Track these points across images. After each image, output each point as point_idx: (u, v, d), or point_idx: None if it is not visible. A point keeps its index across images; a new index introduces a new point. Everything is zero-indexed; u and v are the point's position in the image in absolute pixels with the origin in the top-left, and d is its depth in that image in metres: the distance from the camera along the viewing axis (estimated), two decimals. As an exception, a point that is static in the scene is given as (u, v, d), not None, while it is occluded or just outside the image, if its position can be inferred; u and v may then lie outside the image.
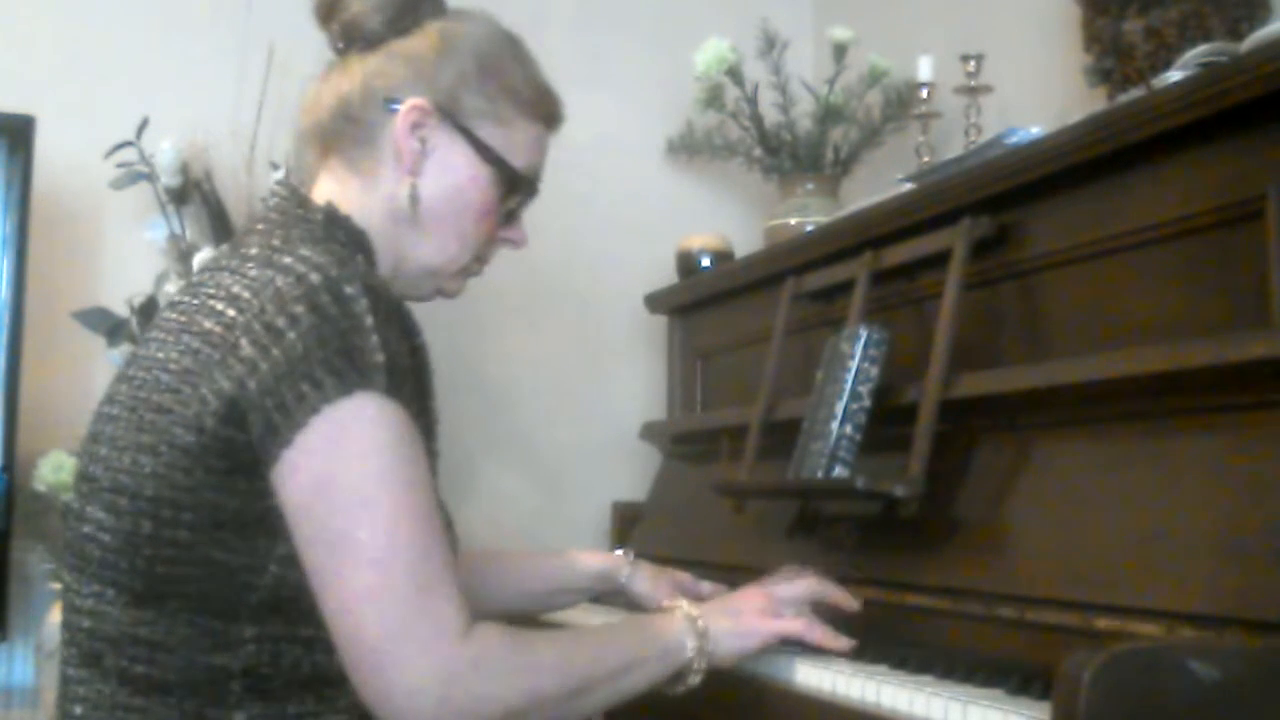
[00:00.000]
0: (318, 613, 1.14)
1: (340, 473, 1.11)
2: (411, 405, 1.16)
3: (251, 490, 1.13)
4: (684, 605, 1.36)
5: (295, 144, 1.42)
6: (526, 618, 1.76)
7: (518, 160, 1.36)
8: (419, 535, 1.12)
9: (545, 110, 1.40)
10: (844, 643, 1.44)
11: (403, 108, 1.30)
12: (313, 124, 1.35)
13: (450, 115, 1.32)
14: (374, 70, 1.32)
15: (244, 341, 1.13)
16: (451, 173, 1.32)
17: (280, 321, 1.12)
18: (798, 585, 1.47)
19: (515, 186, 1.37)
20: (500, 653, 1.16)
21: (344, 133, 1.32)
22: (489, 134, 1.34)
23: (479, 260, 1.40)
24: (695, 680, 1.33)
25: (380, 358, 1.12)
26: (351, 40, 1.34)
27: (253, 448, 1.12)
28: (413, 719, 1.11)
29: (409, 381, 1.16)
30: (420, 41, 1.33)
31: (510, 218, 1.40)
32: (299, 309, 1.12)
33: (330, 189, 1.33)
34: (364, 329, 1.12)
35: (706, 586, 1.69)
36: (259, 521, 1.14)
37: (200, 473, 1.13)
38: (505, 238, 1.41)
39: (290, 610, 1.15)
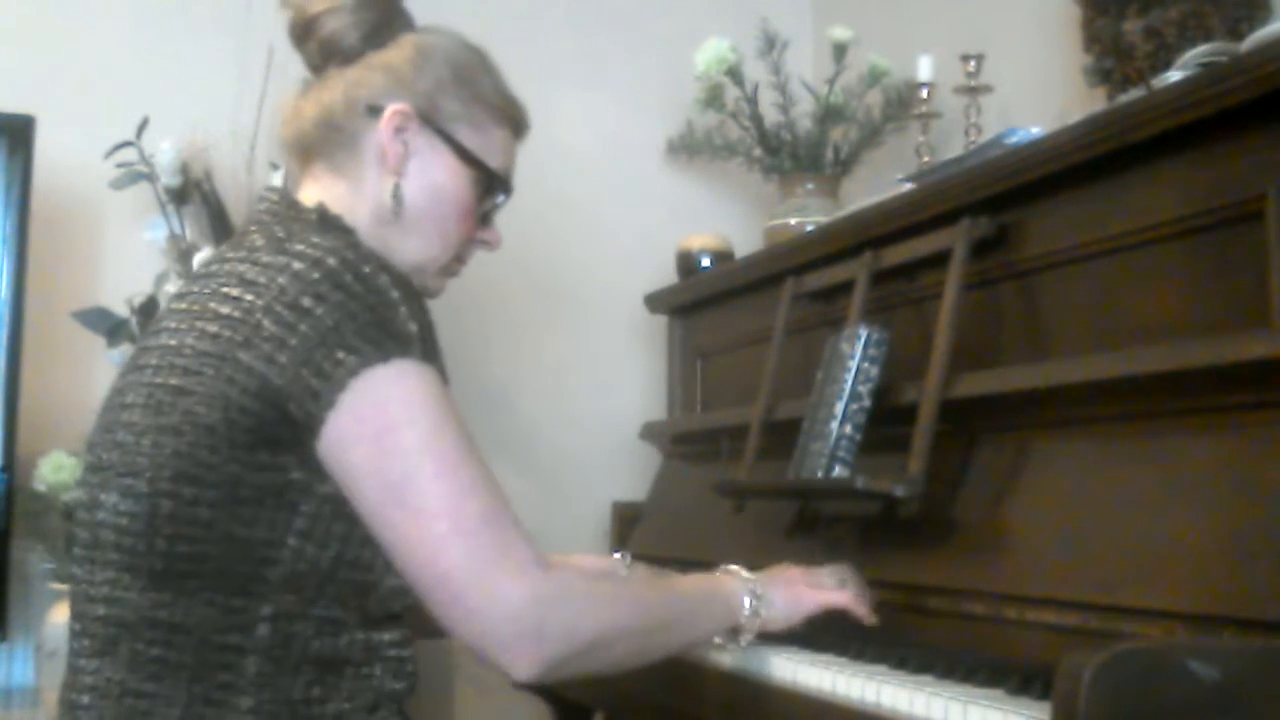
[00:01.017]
0: (330, 589, 1.18)
1: (395, 429, 1.15)
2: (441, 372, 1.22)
3: (274, 464, 1.16)
4: (743, 570, 1.46)
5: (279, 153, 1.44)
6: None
7: (493, 162, 1.41)
8: (481, 478, 1.18)
9: (513, 117, 1.45)
10: (874, 619, 1.53)
11: (386, 112, 1.34)
12: (295, 134, 1.39)
13: (430, 119, 1.37)
14: (354, 80, 1.36)
15: (266, 321, 1.16)
16: (433, 173, 1.37)
17: (305, 301, 1.15)
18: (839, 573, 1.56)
19: (492, 187, 1.42)
20: (582, 583, 1.24)
21: (328, 140, 1.37)
22: (466, 137, 1.39)
23: (458, 260, 1.45)
24: (746, 640, 1.42)
25: (413, 327, 1.18)
26: (329, 57, 1.39)
27: (284, 423, 1.15)
28: (515, 648, 1.16)
29: (436, 353, 1.21)
30: (397, 53, 1.38)
31: (485, 219, 1.45)
32: (324, 288, 1.16)
33: (316, 194, 1.36)
34: (391, 303, 1.17)
35: None
36: (278, 495, 1.16)
37: (225, 449, 1.15)
38: (481, 239, 1.46)
39: (305, 586, 1.18)
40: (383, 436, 1.15)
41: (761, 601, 1.42)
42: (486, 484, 1.19)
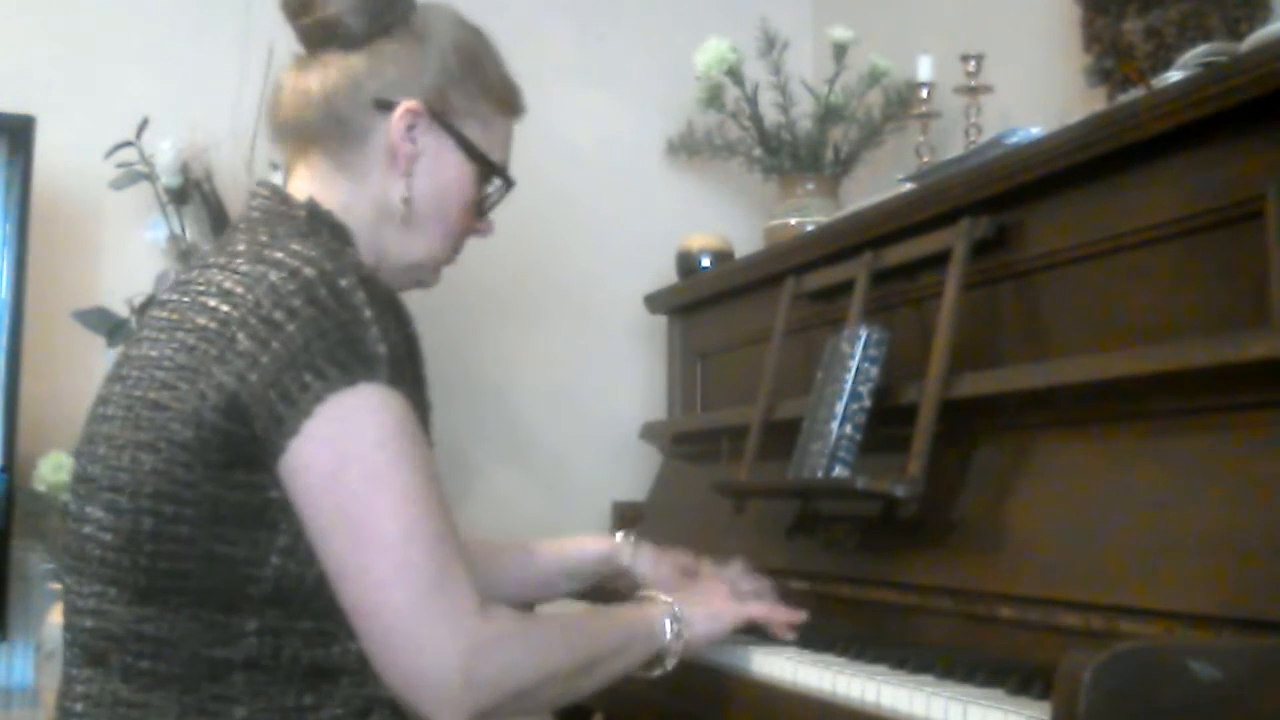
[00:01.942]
0: (316, 604, 1.17)
1: (353, 461, 1.13)
2: (410, 395, 1.18)
3: (250, 483, 1.15)
4: (660, 594, 1.44)
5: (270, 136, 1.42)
6: (527, 606, 1.77)
7: (496, 155, 1.40)
8: (433, 518, 1.16)
9: (514, 103, 1.43)
10: (800, 616, 1.55)
11: (398, 110, 1.31)
12: (293, 119, 1.35)
13: (439, 116, 1.34)
14: (361, 70, 1.32)
15: (241, 336, 1.14)
16: (441, 172, 1.35)
17: (278, 315, 1.13)
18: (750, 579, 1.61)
19: (491, 180, 1.41)
20: (516, 629, 1.21)
21: (331, 132, 1.33)
22: (472, 132, 1.37)
23: (454, 251, 1.43)
24: (671, 664, 1.39)
25: (382, 349, 1.15)
26: (329, 39, 1.34)
27: (253, 441, 1.14)
28: (441, 696, 1.14)
29: (408, 371, 1.18)
30: (403, 42, 1.34)
31: (483, 210, 1.43)
32: (296, 302, 1.14)
33: (310, 185, 1.34)
34: (363, 321, 1.15)
35: (708, 566, 1.70)
36: (259, 514, 1.15)
37: (200, 467, 1.14)
38: (474, 228, 1.44)
39: (290, 602, 1.17)
40: (340, 466, 1.13)
41: (683, 624, 1.38)
42: (438, 521, 1.16)
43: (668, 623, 1.38)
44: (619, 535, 1.73)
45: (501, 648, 1.18)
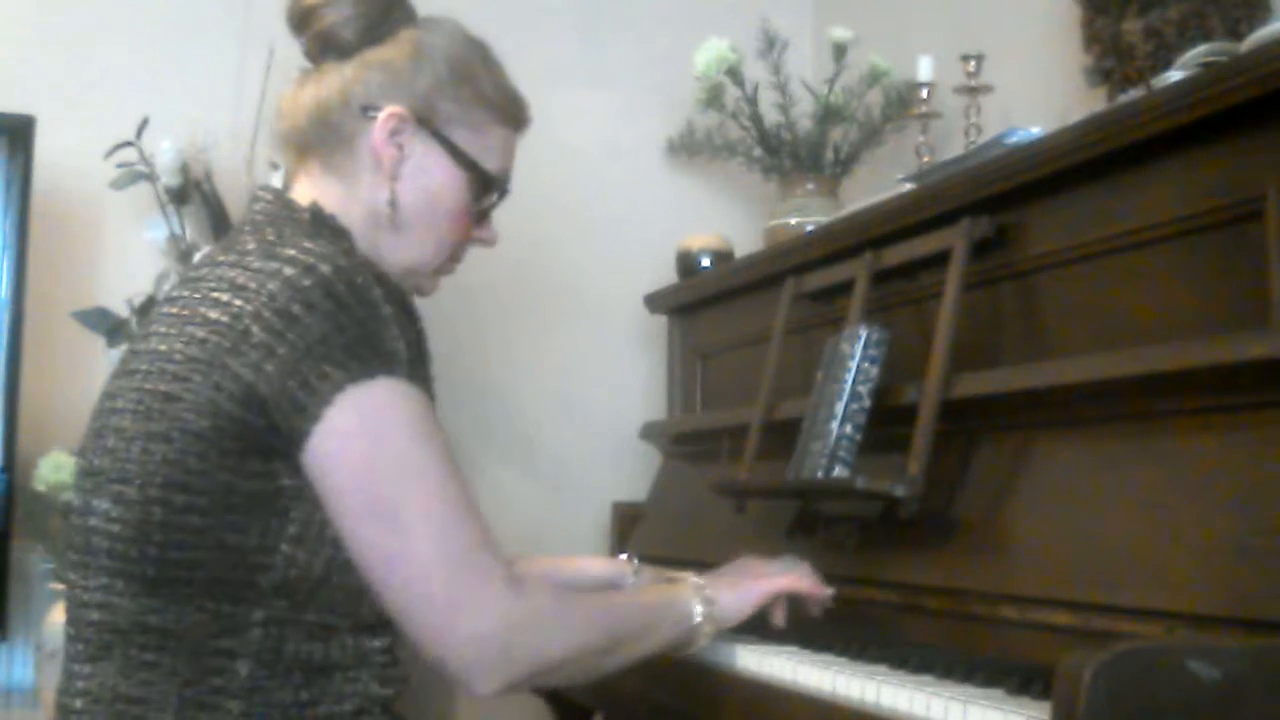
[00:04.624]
0: (322, 595, 1.19)
1: (383, 448, 1.16)
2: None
3: (264, 472, 1.16)
4: (690, 576, 1.46)
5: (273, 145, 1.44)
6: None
7: (489, 163, 1.40)
8: (463, 500, 1.20)
9: (513, 114, 1.44)
10: (829, 591, 1.55)
11: (381, 115, 1.33)
12: (290, 129, 1.38)
13: (426, 122, 1.35)
14: (351, 78, 1.35)
15: (255, 328, 1.15)
16: (428, 177, 1.36)
17: (295, 309, 1.15)
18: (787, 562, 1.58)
19: (488, 188, 1.41)
20: (551, 605, 1.25)
21: (323, 139, 1.35)
22: (462, 139, 1.38)
23: (453, 259, 1.44)
24: (704, 643, 1.42)
25: (399, 345, 1.18)
26: (326, 50, 1.37)
27: (271, 431, 1.15)
28: (480, 668, 1.18)
29: (419, 368, 1.21)
30: (394, 50, 1.36)
31: (482, 218, 1.44)
32: (315, 296, 1.15)
33: (310, 192, 1.36)
34: (381, 317, 1.17)
35: None
36: (270, 502, 1.17)
37: (215, 456, 1.15)
38: (477, 237, 1.45)
39: (296, 593, 1.18)
40: (368, 456, 1.15)
41: (712, 605, 1.41)
42: (468, 505, 1.20)
43: (696, 604, 1.40)
44: (623, 557, 1.73)
45: (536, 624, 1.21)
